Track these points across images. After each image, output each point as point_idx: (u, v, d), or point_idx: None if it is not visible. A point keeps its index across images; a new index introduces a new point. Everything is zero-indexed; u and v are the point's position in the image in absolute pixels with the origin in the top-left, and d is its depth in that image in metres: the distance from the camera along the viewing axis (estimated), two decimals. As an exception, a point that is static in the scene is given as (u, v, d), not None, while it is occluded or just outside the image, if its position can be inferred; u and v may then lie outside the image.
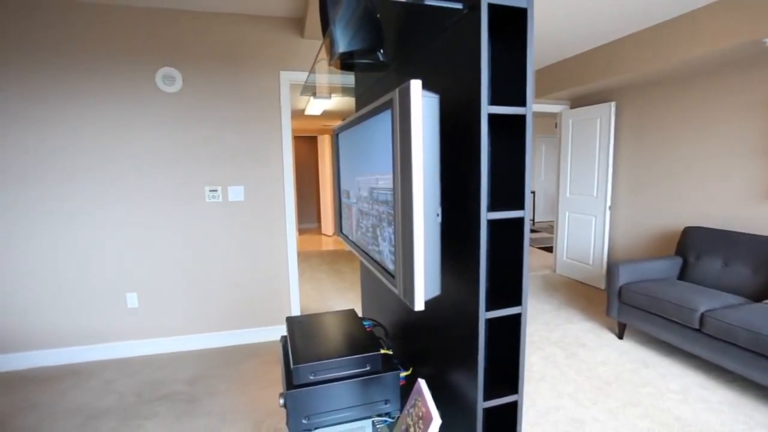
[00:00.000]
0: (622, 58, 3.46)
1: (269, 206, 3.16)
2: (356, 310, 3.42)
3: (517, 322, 1.00)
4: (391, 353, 1.35)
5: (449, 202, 1.07)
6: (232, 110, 3.00)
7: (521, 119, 0.94)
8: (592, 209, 4.50)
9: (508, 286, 1.03)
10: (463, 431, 1.07)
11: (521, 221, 0.96)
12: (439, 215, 0.96)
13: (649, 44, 3.20)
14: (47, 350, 2.88)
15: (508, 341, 1.04)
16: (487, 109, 0.89)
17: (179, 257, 3.04)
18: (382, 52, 1.34)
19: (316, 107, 5.63)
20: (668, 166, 3.69)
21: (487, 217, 0.92)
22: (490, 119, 0.96)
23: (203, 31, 2.89)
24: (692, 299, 2.63)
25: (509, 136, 0.98)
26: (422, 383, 1.09)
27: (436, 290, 0.98)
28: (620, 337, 3.16)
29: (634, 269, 3.10)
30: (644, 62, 3.25)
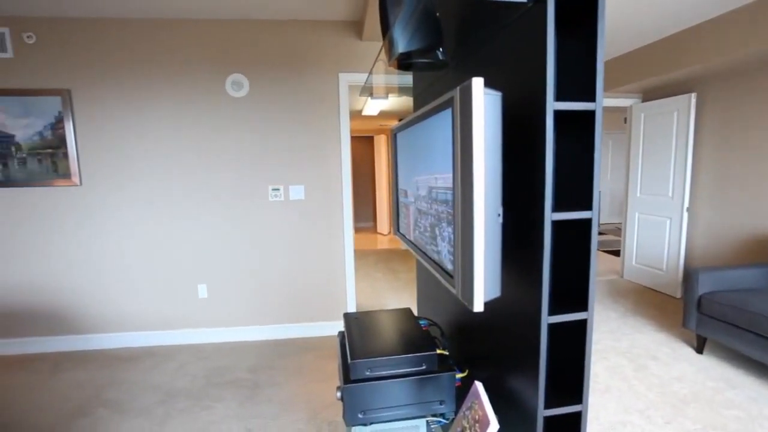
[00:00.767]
0: (703, 44, 3.16)
1: (328, 205, 3.26)
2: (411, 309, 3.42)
3: (582, 328, 0.95)
4: (447, 354, 1.34)
5: (511, 201, 1.04)
6: (293, 112, 3.13)
7: (589, 115, 0.89)
8: (666, 210, 4.15)
9: (572, 290, 0.98)
10: (521, 438, 1.03)
11: (588, 222, 0.91)
12: (500, 215, 0.94)
13: (735, 28, 2.89)
14: (132, 333, 3.19)
15: (570, 348, 0.99)
16: (552, 105, 0.86)
17: (244, 253, 3.22)
18: (441, 50, 1.33)
19: (372, 107, 5.71)
20: (759, 164, 3.30)
21: (551, 217, 0.89)
22: (555, 115, 0.92)
23: (267, 38, 3.04)
24: (788, 313, 2.34)
25: (575, 132, 0.94)
26: (479, 386, 1.07)
27: (496, 292, 0.96)
28: (699, 351, 2.88)
29: (716, 277, 2.82)
30: (732, 49, 2.94)
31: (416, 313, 2.85)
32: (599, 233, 7.74)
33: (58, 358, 3.03)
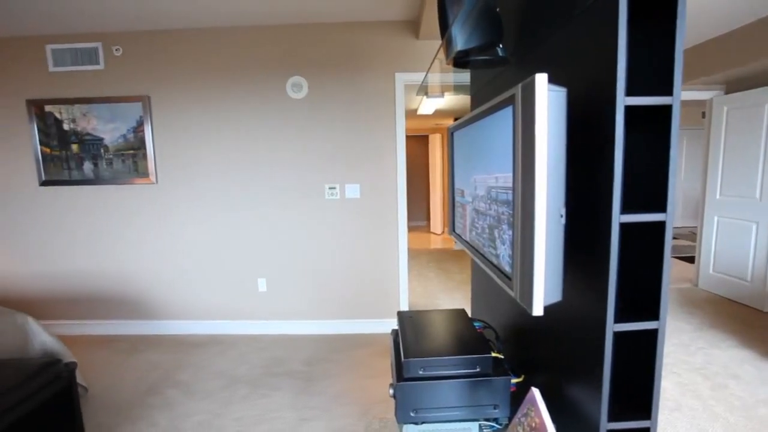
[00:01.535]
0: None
1: (382, 204, 3.29)
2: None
3: (652, 338, 0.89)
4: (501, 357, 1.31)
5: (575, 202, 1.00)
6: (350, 112, 3.20)
7: (665, 110, 0.83)
8: (752, 214, 3.74)
9: (640, 297, 0.92)
10: (582, 450, 0.99)
11: (662, 225, 0.85)
12: (563, 216, 0.90)
13: None
14: (198, 321, 3.43)
15: (636, 359, 0.93)
16: (624, 100, 0.81)
17: (302, 249, 3.35)
18: (500, 47, 1.30)
19: (428, 106, 5.69)
20: None
21: (619, 219, 0.84)
22: (626, 111, 0.87)
23: (325, 40, 3.13)
24: None
25: (647, 128, 0.88)
26: (536, 392, 1.04)
27: (557, 296, 0.92)
28: (790, 371, 2.58)
29: (814, 290, 2.50)
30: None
31: (470, 314, 2.81)
32: (672, 237, 7.15)
33: (135, 340, 3.33)
